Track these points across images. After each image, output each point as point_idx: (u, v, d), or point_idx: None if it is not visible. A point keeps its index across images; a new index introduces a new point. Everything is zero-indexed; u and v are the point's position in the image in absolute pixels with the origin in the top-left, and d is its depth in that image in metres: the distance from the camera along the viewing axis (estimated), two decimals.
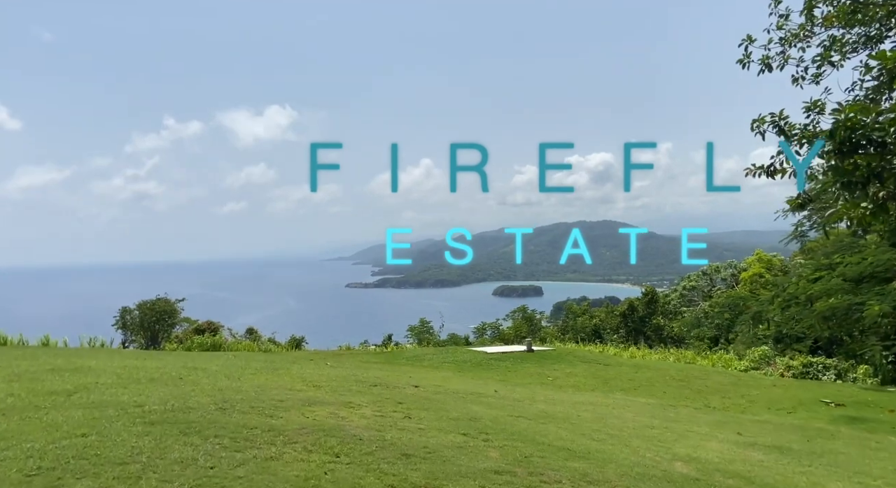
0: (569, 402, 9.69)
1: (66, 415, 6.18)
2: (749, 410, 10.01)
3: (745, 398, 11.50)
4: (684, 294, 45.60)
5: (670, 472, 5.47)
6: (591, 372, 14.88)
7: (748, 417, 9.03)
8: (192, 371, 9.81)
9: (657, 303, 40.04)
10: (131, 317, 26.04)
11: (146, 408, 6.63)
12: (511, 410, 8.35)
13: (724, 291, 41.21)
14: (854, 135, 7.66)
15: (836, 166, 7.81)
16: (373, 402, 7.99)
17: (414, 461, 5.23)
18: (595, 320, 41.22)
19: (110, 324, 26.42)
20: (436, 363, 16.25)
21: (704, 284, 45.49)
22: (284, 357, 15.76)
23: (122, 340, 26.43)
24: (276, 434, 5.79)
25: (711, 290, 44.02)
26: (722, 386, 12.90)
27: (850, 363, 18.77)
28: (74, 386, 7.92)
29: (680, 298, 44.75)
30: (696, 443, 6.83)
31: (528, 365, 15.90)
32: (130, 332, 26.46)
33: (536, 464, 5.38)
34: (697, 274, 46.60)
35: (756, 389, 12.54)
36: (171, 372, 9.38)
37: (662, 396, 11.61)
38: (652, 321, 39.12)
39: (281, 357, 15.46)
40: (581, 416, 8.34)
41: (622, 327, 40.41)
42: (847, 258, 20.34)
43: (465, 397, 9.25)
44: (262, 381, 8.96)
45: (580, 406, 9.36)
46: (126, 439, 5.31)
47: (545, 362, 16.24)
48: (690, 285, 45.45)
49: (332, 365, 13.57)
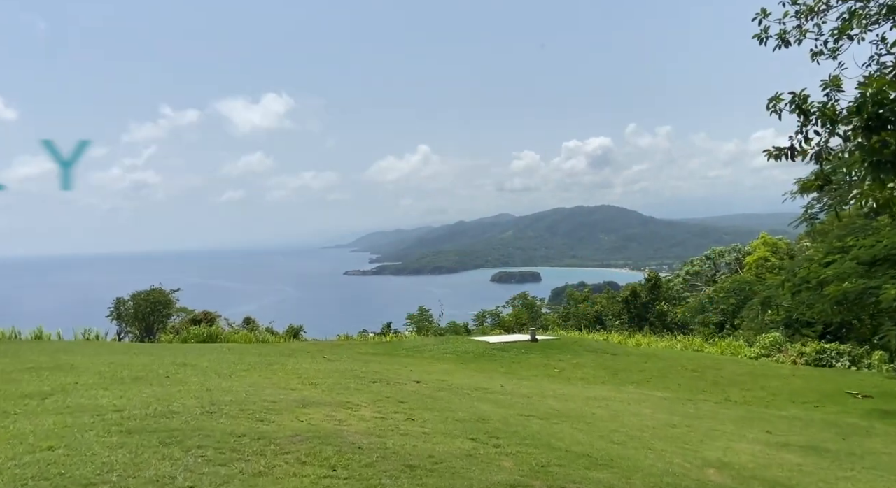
0: (580, 398, 9.16)
1: (35, 424, 5.62)
2: (773, 404, 9.49)
3: (766, 390, 10.99)
4: (687, 279, 45.09)
5: (703, 482, 4.93)
6: (599, 362, 14.36)
7: (773, 412, 8.51)
8: (181, 367, 9.26)
9: (660, 288, 39.55)
10: (126, 308, 25.50)
11: (125, 413, 6.07)
12: (520, 408, 7.81)
13: (728, 276, 40.70)
14: (882, 110, 7.09)
15: (863, 144, 7.27)
16: (373, 401, 7.44)
17: (419, 474, 4.67)
18: (597, 306, 40.67)
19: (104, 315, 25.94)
20: (437, 354, 15.73)
21: (708, 269, 44.97)
22: (281, 349, 15.22)
23: (116, 331, 25.92)
24: (267, 442, 5.22)
25: (715, 275, 43.50)
26: (738, 377, 12.39)
27: (863, 349, 18.28)
28: (52, 388, 7.36)
29: (683, 283, 44.24)
30: (725, 445, 6.30)
31: (533, 355, 15.38)
32: (125, 324, 25.94)
33: (556, 476, 4.83)
34: (701, 258, 46.06)
35: (775, 380, 12.03)
36: (159, 370, 8.83)
37: (678, 389, 11.09)
38: (655, 307, 38.62)
39: (277, 349, 14.92)
40: (595, 414, 7.80)
41: (625, 313, 39.88)
42: (861, 241, 19.75)
43: (470, 393, 8.71)
44: (255, 379, 8.41)
45: (593, 402, 8.82)
46: (97, 453, 4.73)
47: (550, 352, 15.72)
48: (694, 270, 44.92)
49: (329, 358, 13.04)
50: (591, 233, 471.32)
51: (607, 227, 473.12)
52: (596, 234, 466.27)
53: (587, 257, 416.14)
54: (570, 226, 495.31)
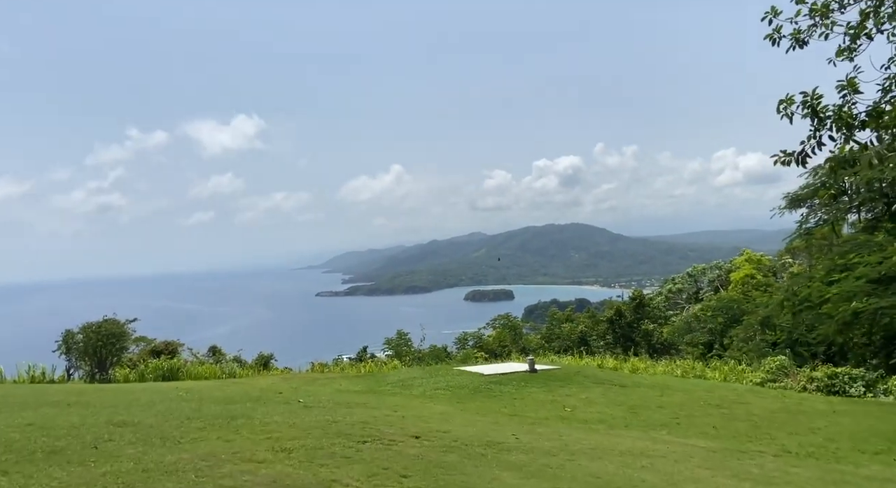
0: (614, 453, 7.56)
1: None
2: (841, 456, 8.05)
3: (817, 433, 9.58)
4: (669, 297, 44.23)
5: None
6: (611, 397, 12.83)
7: (851, 470, 7.07)
8: (117, 429, 7.36)
9: (645, 307, 38.54)
10: (75, 341, 23.06)
11: None
12: (551, 477, 6.17)
13: (712, 294, 39.90)
14: None
15: None
16: (366, 477, 5.72)
17: None
18: (581, 327, 39.41)
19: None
20: (428, 391, 13.97)
21: (689, 286, 44.22)
22: (248, 389, 13.27)
23: (66, 367, 23.48)
24: None
25: (699, 293, 42.71)
26: (774, 415, 10.99)
27: (878, 373, 17.15)
28: None
29: (665, 301, 43.32)
30: None
31: (535, 389, 13.76)
32: (75, 358, 23.50)
33: None
34: (682, 275, 45.32)
35: (818, 418, 10.65)
36: (87, 436, 6.91)
37: (717, 435, 9.59)
38: (641, 327, 37.56)
39: (243, 389, 12.96)
40: (646, 482, 6.20)
41: (609, 333, 38.74)
42: (866, 257, 18.86)
43: (484, 454, 7.03)
44: (212, 447, 6.58)
45: (632, 459, 7.23)
46: None
47: (553, 385, 14.12)
48: (676, 288, 44.09)
49: (305, 402, 11.19)
50: (561, 251, 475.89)
51: (577, 245, 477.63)
52: (567, 252, 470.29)
53: (558, 274, 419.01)
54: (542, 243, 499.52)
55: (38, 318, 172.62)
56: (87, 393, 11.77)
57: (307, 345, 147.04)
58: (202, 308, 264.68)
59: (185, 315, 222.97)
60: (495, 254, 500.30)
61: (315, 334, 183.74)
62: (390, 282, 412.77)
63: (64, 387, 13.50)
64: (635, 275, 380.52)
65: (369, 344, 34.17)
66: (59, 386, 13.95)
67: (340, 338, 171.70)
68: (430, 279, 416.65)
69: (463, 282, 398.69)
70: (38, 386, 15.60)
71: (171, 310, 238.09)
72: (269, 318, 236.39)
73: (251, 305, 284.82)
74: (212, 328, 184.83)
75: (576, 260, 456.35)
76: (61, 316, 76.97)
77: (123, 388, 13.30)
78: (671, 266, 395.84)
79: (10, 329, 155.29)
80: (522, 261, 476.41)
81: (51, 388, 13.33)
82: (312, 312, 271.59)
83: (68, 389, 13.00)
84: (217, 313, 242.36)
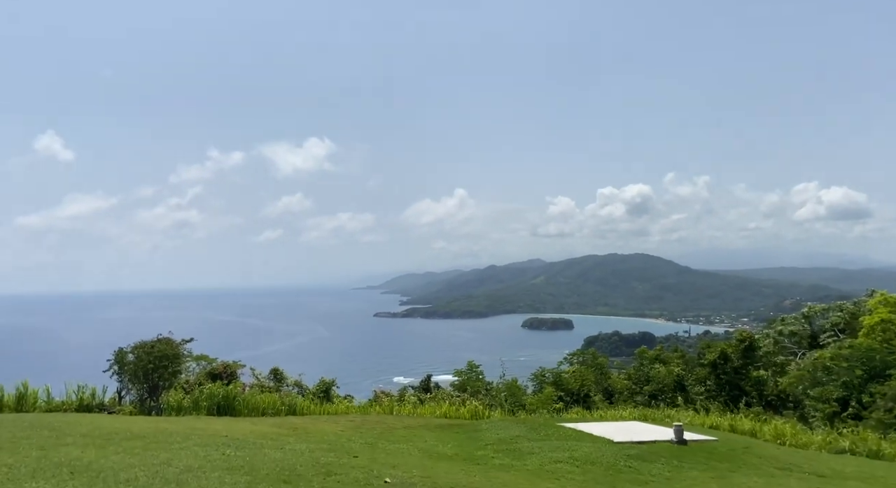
0: None
1: None
2: None
3: None
4: (779, 340, 38.61)
5: None
6: None
7: None
8: None
9: (755, 351, 33.45)
10: (126, 361, 20.88)
11: None
12: None
13: (840, 340, 34.23)
14: None
15: None
16: None
17: None
18: (676, 369, 34.55)
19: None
20: (546, 463, 10.38)
21: (804, 330, 38.49)
22: (313, 449, 10.13)
23: (117, 389, 21.33)
24: None
25: (817, 337, 36.97)
26: None
27: None
28: None
29: (774, 345, 37.78)
30: None
31: (697, 473, 9.94)
32: (127, 380, 21.33)
33: None
34: (795, 316, 39.61)
35: None
36: None
37: None
38: (751, 374, 32.48)
39: (308, 456, 9.81)
40: None
41: (711, 379, 33.77)
42: None
43: None
44: None
45: None
46: None
47: (719, 468, 10.26)
48: (789, 330, 38.45)
49: (392, 482, 7.89)
50: (623, 281, 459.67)
51: (641, 276, 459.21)
52: (629, 283, 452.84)
53: (620, 306, 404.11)
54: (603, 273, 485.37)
55: (117, 326, 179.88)
56: (109, 445, 8.92)
57: (365, 364, 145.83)
58: (266, 323, 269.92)
59: (248, 330, 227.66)
60: (554, 281, 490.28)
61: (372, 354, 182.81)
62: (447, 305, 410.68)
63: (84, 426, 10.78)
64: (703, 310, 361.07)
65: (428, 367, 31.32)
66: (87, 422, 11.28)
67: (397, 358, 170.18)
68: (486, 304, 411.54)
69: (520, 309, 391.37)
70: (66, 417, 13.09)
71: (234, 325, 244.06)
72: (329, 336, 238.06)
73: (311, 322, 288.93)
74: (272, 344, 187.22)
75: (639, 291, 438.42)
76: (140, 325, 78.34)
77: (161, 433, 10.44)
78: (743, 301, 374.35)
79: (93, 336, 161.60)
80: (582, 290, 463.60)
81: (77, 424, 10.62)
82: (370, 332, 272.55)
83: (88, 430, 10.23)
84: (280, 329, 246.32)
